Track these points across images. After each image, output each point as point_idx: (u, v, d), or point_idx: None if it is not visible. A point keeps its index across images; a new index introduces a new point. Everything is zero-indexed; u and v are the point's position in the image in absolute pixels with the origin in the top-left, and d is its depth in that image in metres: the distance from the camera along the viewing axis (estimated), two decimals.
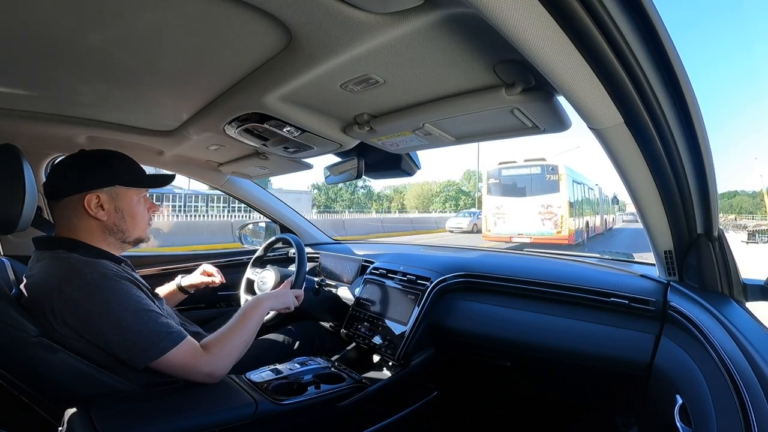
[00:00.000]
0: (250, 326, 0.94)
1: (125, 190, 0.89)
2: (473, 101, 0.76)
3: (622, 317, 0.97)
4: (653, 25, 0.50)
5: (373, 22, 0.55)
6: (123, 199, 0.89)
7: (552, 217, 10.09)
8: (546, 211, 10.14)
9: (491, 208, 11.03)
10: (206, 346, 0.85)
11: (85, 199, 0.84)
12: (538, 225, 10.22)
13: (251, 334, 0.94)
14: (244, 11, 0.56)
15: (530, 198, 10.39)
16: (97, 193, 0.85)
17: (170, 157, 1.45)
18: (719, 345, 0.65)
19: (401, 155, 1.23)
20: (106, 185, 0.86)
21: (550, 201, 10.11)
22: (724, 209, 63.57)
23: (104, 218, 0.86)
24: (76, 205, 0.84)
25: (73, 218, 0.85)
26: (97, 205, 0.85)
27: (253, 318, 0.96)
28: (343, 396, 0.99)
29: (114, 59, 0.73)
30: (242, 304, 1.44)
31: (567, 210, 10.01)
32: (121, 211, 0.88)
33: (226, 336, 0.89)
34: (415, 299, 1.22)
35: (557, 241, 9.95)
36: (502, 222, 10.77)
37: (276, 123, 0.96)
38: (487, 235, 11.12)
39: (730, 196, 70.72)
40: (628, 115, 0.62)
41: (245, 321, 0.94)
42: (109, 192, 0.87)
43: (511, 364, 1.15)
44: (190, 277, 1.31)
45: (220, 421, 0.78)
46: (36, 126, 1.11)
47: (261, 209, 1.90)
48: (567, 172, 10.28)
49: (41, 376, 0.73)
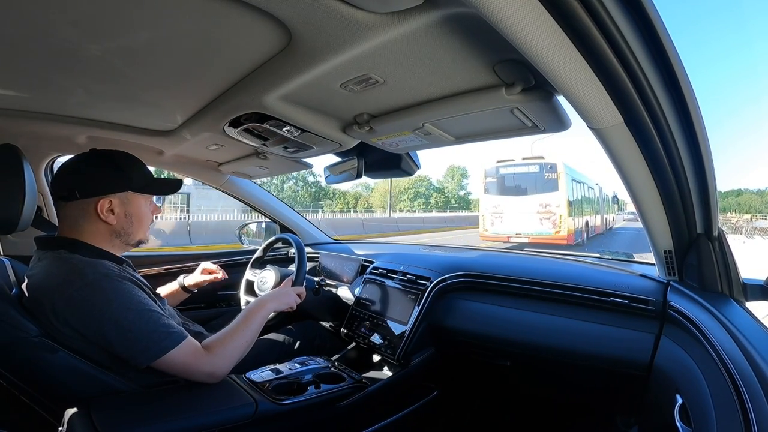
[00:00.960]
0: (252, 327, 0.95)
1: (136, 196, 0.89)
2: (473, 101, 0.76)
3: (622, 317, 0.97)
4: (653, 24, 0.50)
5: (373, 22, 0.55)
6: (133, 205, 0.89)
7: (550, 217, 9.89)
8: (544, 211, 9.94)
9: (489, 208, 10.82)
10: (208, 346, 0.85)
11: (99, 203, 0.84)
12: (537, 224, 10.03)
13: (253, 336, 0.94)
14: (244, 11, 0.56)
15: (528, 197, 10.19)
16: (110, 198, 0.85)
17: (170, 157, 1.45)
18: (719, 345, 0.65)
19: (401, 155, 1.23)
20: (120, 190, 0.86)
21: (548, 200, 9.90)
22: (732, 208, 62.11)
23: (113, 222, 0.86)
24: (87, 208, 0.84)
25: (81, 220, 0.85)
26: (109, 209, 0.85)
27: (256, 319, 0.96)
28: (343, 396, 0.99)
29: (114, 59, 0.73)
30: (242, 305, 1.44)
31: (566, 209, 9.82)
32: (130, 216, 0.89)
33: (229, 337, 0.89)
34: (415, 299, 1.22)
35: (556, 241, 9.75)
36: (500, 221, 10.59)
37: (276, 123, 0.96)
38: (485, 235, 10.93)
39: (736, 194, 69.05)
40: (628, 114, 0.62)
41: (248, 322, 0.94)
42: (122, 197, 0.87)
43: (511, 364, 1.15)
44: (192, 276, 1.32)
45: (220, 421, 0.78)
46: (36, 126, 1.11)
47: (261, 209, 1.90)
48: (566, 171, 10.08)
49: (42, 376, 0.73)
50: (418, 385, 1.21)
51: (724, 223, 19.97)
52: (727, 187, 79.10)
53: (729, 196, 68.82)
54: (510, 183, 10.53)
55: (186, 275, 1.33)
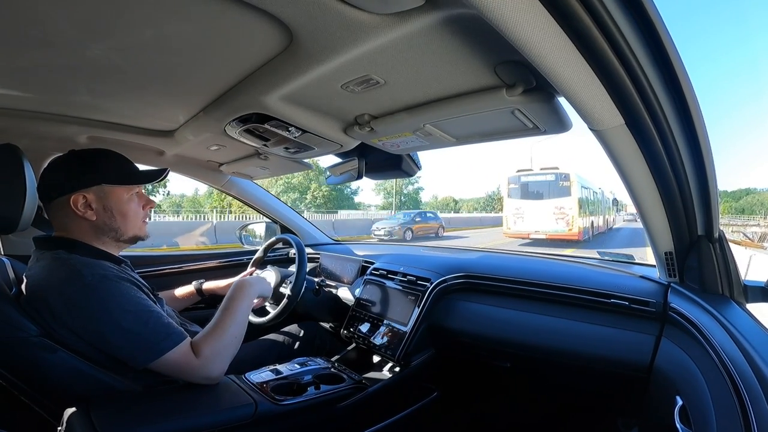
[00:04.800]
0: (237, 319, 0.90)
1: (112, 188, 0.87)
2: (474, 102, 0.76)
3: (623, 318, 0.97)
4: (654, 26, 0.50)
5: (374, 23, 0.55)
6: (111, 198, 0.87)
7: (564, 217, 11.96)
8: (559, 212, 12.02)
9: (511, 209, 13.03)
10: (196, 348, 0.82)
11: (71, 199, 0.83)
12: (552, 224, 12.14)
13: (241, 326, 0.90)
14: (245, 12, 0.56)
15: (546, 201, 12.35)
16: (83, 193, 0.84)
17: (171, 157, 1.45)
18: (719, 346, 0.65)
19: (402, 156, 1.23)
20: (91, 185, 0.85)
21: (562, 203, 12.01)
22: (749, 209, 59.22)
23: (93, 218, 0.85)
24: (64, 206, 0.84)
25: (65, 219, 0.85)
26: (85, 205, 0.84)
27: (239, 309, 0.92)
28: (342, 396, 0.98)
29: (115, 59, 0.73)
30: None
31: (577, 211, 11.90)
32: (110, 210, 0.87)
33: (213, 335, 0.85)
34: (416, 300, 1.22)
35: (569, 237, 11.92)
36: (521, 221, 12.76)
37: (277, 123, 0.96)
38: (507, 233, 13.17)
39: (742, 194, 66.44)
40: (629, 116, 0.62)
41: (231, 314, 0.90)
42: (96, 191, 0.85)
43: (511, 365, 1.15)
44: (216, 282, 1.31)
45: (220, 422, 0.78)
46: (37, 126, 1.11)
47: (261, 209, 1.90)
48: (577, 179, 12.21)
49: (41, 376, 0.73)
50: (418, 386, 1.21)
51: (743, 229, 17.71)
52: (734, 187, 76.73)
53: (740, 197, 65.78)
54: (530, 189, 12.76)
55: (203, 280, 1.33)
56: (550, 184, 12.36)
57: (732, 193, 70.51)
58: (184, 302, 1.29)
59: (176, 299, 1.28)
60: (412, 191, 43.17)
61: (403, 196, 41.85)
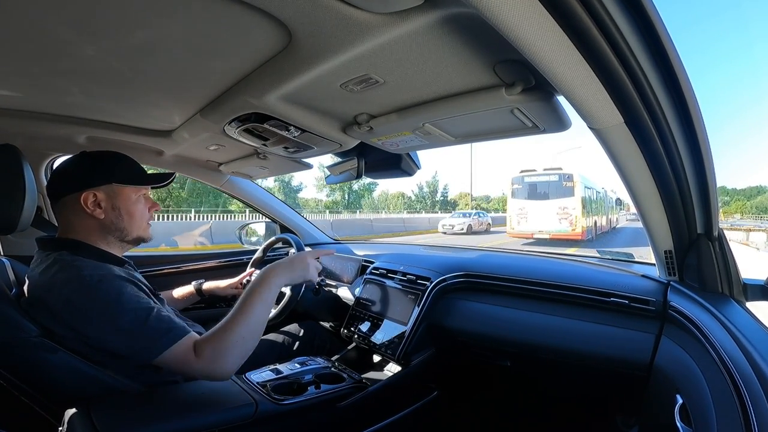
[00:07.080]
0: (249, 317, 0.82)
1: (122, 188, 0.89)
2: (473, 101, 0.76)
3: (623, 317, 0.97)
4: (653, 24, 0.50)
5: (373, 22, 0.55)
6: (120, 197, 0.88)
7: (568, 217, 11.98)
8: (563, 212, 12.03)
9: (515, 209, 12.91)
10: (200, 346, 0.78)
11: (82, 197, 0.84)
12: (556, 224, 12.09)
13: (254, 325, 0.82)
14: (244, 11, 0.56)
15: (550, 201, 12.29)
16: (94, 191, 0.85)
17: (170, 157, 1.45)
18: (719, 345, 0.65)
19: (401, 155, 1.23)
20: (103, 183, 0.86)
21: (566, 204, 12.00)
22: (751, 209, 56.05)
23: (101, 216, 0.86)
24: (74, 204, 0.84)
25: (72, 217, 0.85)
26: (94, 203, 0.85)
27: (252, 305, 0.83)
28: (343, 396, 0.98)
29: (113, 59, 0.73)
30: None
31: (580, 211, 11.86)
32: (118, 209, 0.88)
33: (217, 333, 0.80)
34: (416, 299, 1.22)
35: (572, 237, 11.88)
36: (525, 221, 12.69)
37: (276, 123, 0.96)
38: (511, 233, 13.09)
39: (754, 193, 62.89)
40: (628, 114, 0.62)
41: (241, 312, 0.82)
42: (106, 190, 0.87)
43: (511, 364, 1.15)
44: (216, 282, 1.31)
45: (220, 421, 0.78)
46: (36, 126, 1.11)
47: (261, 209, 1.90)
48: (580, 180, 12.10)
49: (42, 376, 0.73)
50: (418, 386, 1.21)
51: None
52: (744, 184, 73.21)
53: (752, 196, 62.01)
54: (533, 189, 12.68)
55: (202, 280, 1.33)
56: (554, 185, 12.34)
57: (743, 190, 68.35)
58: (184, 302, 1.29)
59: (176, 299, 1.28)
60: (359, 189, 41.21)
61: (352, 193, 40.92)
